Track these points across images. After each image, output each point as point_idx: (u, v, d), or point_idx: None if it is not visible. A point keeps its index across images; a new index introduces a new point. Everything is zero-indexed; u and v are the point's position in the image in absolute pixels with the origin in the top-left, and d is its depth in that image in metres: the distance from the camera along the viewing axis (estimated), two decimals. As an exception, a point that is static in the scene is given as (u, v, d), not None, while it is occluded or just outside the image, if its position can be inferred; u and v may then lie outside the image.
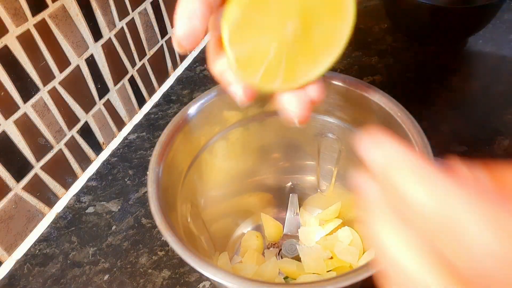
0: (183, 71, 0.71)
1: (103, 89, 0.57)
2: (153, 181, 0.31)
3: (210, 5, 0.22)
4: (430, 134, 0.32)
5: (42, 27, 0.46)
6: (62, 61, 0.49)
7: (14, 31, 0.43)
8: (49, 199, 0.51)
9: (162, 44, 0.67)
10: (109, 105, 0.58)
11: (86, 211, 0.51)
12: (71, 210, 0.52)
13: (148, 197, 0.30)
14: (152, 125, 0.62)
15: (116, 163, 0.57)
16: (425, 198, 0.14)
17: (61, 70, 0.50)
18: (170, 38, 0.68)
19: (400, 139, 0.32)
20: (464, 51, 0.67)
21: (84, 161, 0.56)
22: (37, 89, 0.47)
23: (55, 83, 0.49)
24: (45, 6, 0.46)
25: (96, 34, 0.53)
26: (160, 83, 0.68)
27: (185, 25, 0.21)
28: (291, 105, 0.24)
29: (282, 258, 0.43)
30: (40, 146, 0.49)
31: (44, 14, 0.46)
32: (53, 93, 0.49)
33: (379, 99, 0.35)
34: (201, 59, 0.72)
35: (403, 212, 0.15)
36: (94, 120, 0.56)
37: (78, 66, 0.52)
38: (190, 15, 0.21)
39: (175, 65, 0.71)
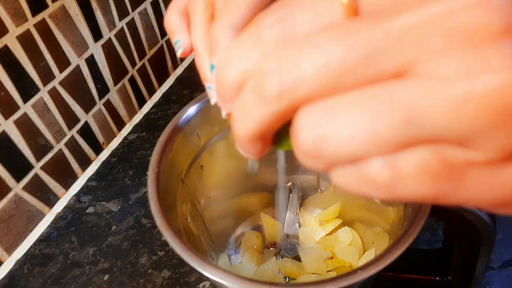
0: (183, 71, 0.71)
1: (103, 89, 0.57)
2: (153, 181, 0.31)
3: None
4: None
5: (42, 27, 0.46)
6: (62, 61, 0.50)
7: (14, 31, 0.43)
8: (49, 199, 0.51)
9: (162, 44, 0.67)
10: (109, 105, 0.58)
11: (86, 211, 0.51)
12: (71, 210, 0.52)
13: (148, 197, 0.30)
14: (152, 125, 0.62)
15: (116, 163, 0.57)
16: None
17: (61, 70, 0.50)
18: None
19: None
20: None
21: (84, 161, 0.56)
22: (37, 89, 0.47)
23: (55, 83, 0.49)
24: (45, 6, 0.46)
25: (96, 34, 0.53)
26: (160, 83, 0.68)
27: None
28: None
29: (282, 258, 0.43)
30: (40, 146, 0.49)
31: (44, 14, 0.46)
32: (53, 93, 0.49)
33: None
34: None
35: None
36: (94, 120, 0.56)
37: (78, 66, 0.52)
38: None
39: (175, 65, 0.71)
